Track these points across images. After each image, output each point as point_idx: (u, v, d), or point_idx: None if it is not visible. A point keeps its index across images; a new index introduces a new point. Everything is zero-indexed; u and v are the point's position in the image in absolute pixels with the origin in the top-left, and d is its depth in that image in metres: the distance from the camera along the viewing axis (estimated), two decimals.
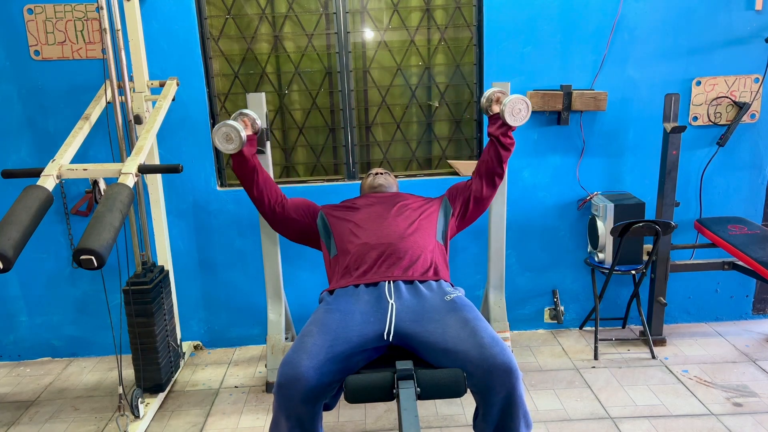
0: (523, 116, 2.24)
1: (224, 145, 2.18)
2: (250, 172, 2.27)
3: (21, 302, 3.13)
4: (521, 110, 2.23)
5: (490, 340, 1.69)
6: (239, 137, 2.18)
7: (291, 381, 1.64)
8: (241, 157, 2.24)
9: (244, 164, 2.26)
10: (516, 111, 2.23)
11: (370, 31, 3.00)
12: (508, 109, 2.22)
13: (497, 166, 2.33)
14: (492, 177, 2.35)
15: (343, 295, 1.94)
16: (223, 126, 2.16)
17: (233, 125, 2.17)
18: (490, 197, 2.39)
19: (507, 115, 2.23)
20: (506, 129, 2.29)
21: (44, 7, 2.77)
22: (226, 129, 2.16)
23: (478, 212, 2.38)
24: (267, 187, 2.31)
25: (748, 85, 2.98)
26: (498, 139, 2.30)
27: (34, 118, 2.90)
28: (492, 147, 2.33)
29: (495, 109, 2.35)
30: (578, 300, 3.26)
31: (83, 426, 2.54)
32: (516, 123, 2.25)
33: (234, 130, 2.17)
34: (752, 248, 2.73)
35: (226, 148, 2.19)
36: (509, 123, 2.25)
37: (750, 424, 2.33)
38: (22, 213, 1.97)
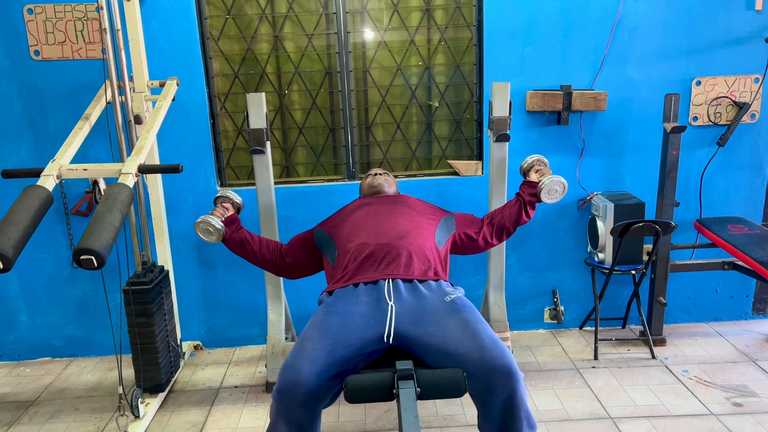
0: (556, 196, 2.33)
1: (208, 237, 2.32)
2: (240, 248, 2.37)
3: (21, 302, 3.13)
4: (557, 191, 2.32)
5: (490, 343, 1.69)
6: (217, 230, 2.30)
7: (291, 386, 1.64)
8: (225, 242, 2.35)
9: (232, 245, 2.37)
10: (552, 192, 2.32)
11: (370, 31, 3.00)
12: (545, 188, 2.32)
13: (511, 226, 2.39)
14: (502, 232, 2.40)
15: (342, 297, 1.94)
16: (201, 223, 2.30)
17: (207, 220, 2.29)
18: (488, 247, 2.44)
19: (543, 193, 2.33)
20: (536, 201, 2.37)
21: (44, 7, 2.77)
22: (204, 225, 2.30)
23: (471, 251, 2.43)
24: (263, 251, 2.39)
25: (748, 85, 2.98)
26: (525, 205, 2.37)
27: (34, 118, 2.90)
28: (516, 207, 2.39)
29: (533, 177, 2.43)
30: (578, 300, 3.26)
31: (83, 426, 2.54)
32: (549, 201, 2.34)
33: (210, 225, 2.29)
34: (752, 248, 2.73)
35: (211, 239, 2.32)
36: (543, 200, 2.34)
37: (750, 424, 2.33)
38: (22, 213, 1.97)
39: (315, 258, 2.38)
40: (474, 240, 2.37)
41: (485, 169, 3.08)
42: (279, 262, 2.40)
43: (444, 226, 2.29)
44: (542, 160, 2.49)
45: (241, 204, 2.49)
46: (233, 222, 2.38)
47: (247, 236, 2.37)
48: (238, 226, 2.38)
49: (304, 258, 2.39)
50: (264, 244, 2.40)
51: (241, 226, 2.39)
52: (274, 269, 2.42)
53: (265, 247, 2.39)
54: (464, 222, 2.40)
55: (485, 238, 2.38)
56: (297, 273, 2.44)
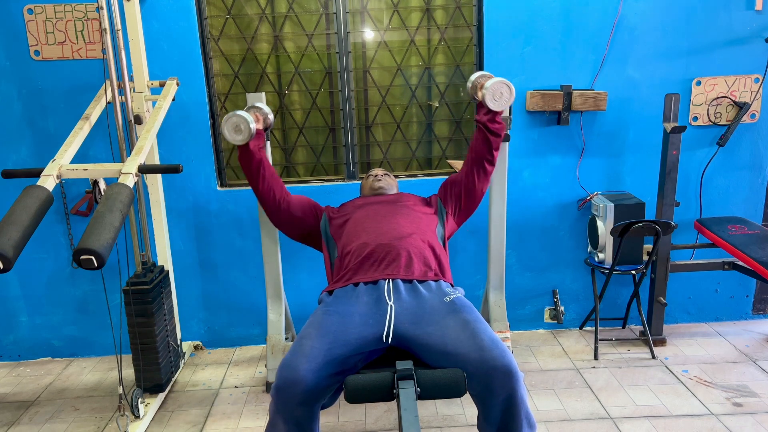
0: (506, 100, 2.19)
1: (232, 135, 2.17)
2: (256, 167, 2.27)
3: (21, 302, 3.13)
4: (503, 93, 2.18)
5: (489, 343, 1.69)
6: (248, 129, 2.15)
7: (289, 384, 1.64)
8: (246, 150, 2.24)
9: (250, 158, 2.26)
10: (498, 95, 2.18)
11: (370, 31, 3.00)
12: (489, 94, 2.17)
13: (487, 153, 2.29)
14: (482, 164, 2.31)
15: (342, 296, 1.94)
16: (234, 116, 2.15)
17: (243, 116, 2.15)
18: (483, 188, 2.35)
19: (489, 100, 2.19)
20: (493, 114, 2.25)
21: (44, 7, 2.77)
22: (237, 119, 2.14)
23: (472, 204, 2.36)
24: (273, 183, 2.31)
25: (748, 85, 2.98)
26: (485, 126, 2.27)
27: (34, 118, 2.90)
28: (480, 134, 2.30)
29: (479, 95, 2.29)
30: (578, 300, 3.26)
31: (83, 426, 2.54)
32: (498, 107, 2.20)
33: (244, 121, 2.15)
34: (752, 248, 2.73)
35: (234, 138, 2.18)
36: (491, 108, 2.21)
37: (750, 424, 2.33)
38: (22, 213, 1.97)
39: (311, 230, 2.35)
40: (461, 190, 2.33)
41: None
42: (281, 203, 2.32)
43: (440, 215, 2.31)
44: (485, 74, 2.33)
45: (271, 124, 2.38)
46: (260, 137, 2.29)
47: (265, 159, 2.29)
48: (262, 144, 2.29)
49: (301, 222, 2.35)
50: (276, 178, 2.33)
51: (263, 146, 2.31)
52: (272, 206, 2.33)
53: (276, 182, 2.32)
54: (448, 189, 2.38)
55: (470, 180, 2.32)
56: (286, 228, 2.38)
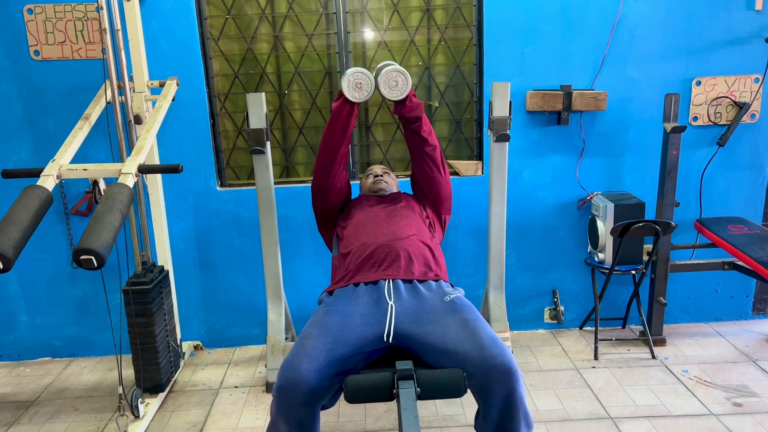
0: (402, 88, 2.11)
1: (351, 91, 2.11)
2: (347, 128, 2.21)
3: (21, 302, 3.13)
4: (398, 82, 2.10)
5: (489, 341, 1.69)
6: (368, 91, 2.10)
7: (291, 384, 1.64)
8: (352, 109, 2.18)
9: (350, 117, 2.19)
10: (392, 84, 2.11)
11: (370, 31, 3.00)
12: (383, 84, 2.11)
13: (420, 140, 2.24)
14: (422, 152, 2.27)
15: (342, 296, 1.94)
16: (360, 72, 2.08)
17: (369, 76, 2.08)
18: (438, 173, 2.31)
19: (384, 90, 2.11)
20: (401, 104, 2.17)
21: (44, 7, 2.77)
22: (362, 77, 2.08)
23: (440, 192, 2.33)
24: (346, 151, 2.27)
25: (748, 85, 2.98)
26: (404, 117, 2.21)
27: (34, 118, 2.90)
28: (404, 127, 2.26)
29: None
30: (578, 300, 3.26)
31: (83, 426, 2.54)
32: (396, 96, 2.12)
33: (368, 80, 2.08)
34: (752, 248, 2.73)
35: (352, 94, 2.11)
36: (387, 96, 2.13)
37: (750, 424, 2.33)
38: (22, 213, 1.97)
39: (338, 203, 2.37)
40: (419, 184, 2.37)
41: (485, 169, 3.08)
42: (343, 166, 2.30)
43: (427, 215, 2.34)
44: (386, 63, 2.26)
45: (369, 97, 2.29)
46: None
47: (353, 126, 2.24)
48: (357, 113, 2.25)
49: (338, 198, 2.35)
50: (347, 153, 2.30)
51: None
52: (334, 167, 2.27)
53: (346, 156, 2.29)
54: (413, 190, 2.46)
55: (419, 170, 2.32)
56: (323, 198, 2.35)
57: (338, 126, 2.21)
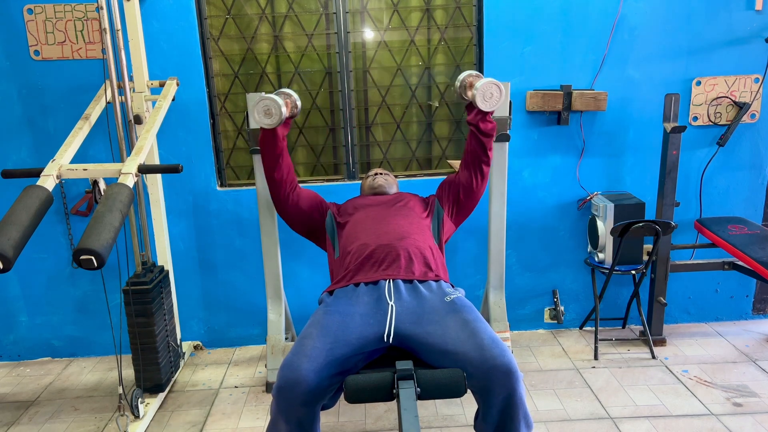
0: (496, 100, 2.16)
1: (261, 118, 2.10)
2: (278, 154, 2.22)
3: (21, 302, 3.13)
4: (493, 94, 2.15)
5: (490, 342, 1.69)
6: (279, 114, 2.09)
7: (291, 384, 1.64)
8: (273, 135, 2.18)
9: (274, 144, 2.20)
10: (488, 96, 2.15)
11: (370, 31, 3.00)
12: (479, 94, 2.14)
13: (482, 154, 2.29)
14: (479, 165, 2.30)
15: (342, 296, 1.94)
16: (267, 98, 2.07)
17: (277, 100, 2.08)
18: (481, 188, 2.35)
19: (479, 100, 2.16)
20: (483, 115, 2.23)
21: (44, 7, 2.77)
22: (269, 103, 2.07)
23: (470, 204, 2.35)
24: (288, 174, 2.29)
25: (748, 85, 2.98)
26: (477, 127, 2.25)
27: (34, 118, 2.90)
28: (473, 135, 2.29)
29: (469, 94, 2.25)
30: (578, 300, 3.26)
31: (83, 426, 2.54)
32: (489, 107, 2.17)
33: (276, 105, 2.07)
34: (752, 248, 2.73)
35: (263, 122, 2.11)
36: (482, 108, 2.18)
37: (750, 424, 2.33)
38: (22, 213, 1.97)
39: (316, 225, 2.34)
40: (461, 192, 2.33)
41: None
42: (290, 193, 2.30)
43: (435, 218, 2.31)
44: (474, 73, 2.29)
45: (297, 113, 2.34)
46: (286, 124, 2.26)
47: (285, 149, 2.25)
48: (286, 133, 2.25)
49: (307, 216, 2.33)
50: (291, 171, 2.30)
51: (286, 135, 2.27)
52: (282, 194, 2.30)
53: (291, 173, 2.29)
54: (445, 190, 2.38)
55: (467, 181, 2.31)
56: (292, 221, 2.36)
57: (267, 156, 2.23)
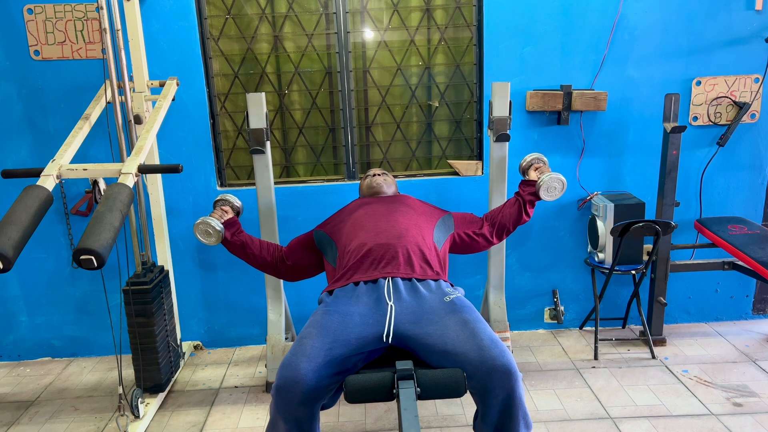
0: (556, 194, 2.32)
1: (206, 239, 2.30)
2: (240, 251, 2.37)
3: (21, 302, 3.13)
4: (556, 188, 2.31)
5: (489, 342, 1.69)
6: (216, 231, 2.28)
7: (290, 383, 1.64)
8: (226, 243, 2.35)
9: (233, 247, 2.36)
10: (551, 189, 2.31)
11: (370, 31, 3.00)
12: (544, 186, 2.30)
13: (511, 225, 2.39)
14: (503, 231, 2.40)
15: (342, 296, 1.94)
16: (201, 224, 2.28)
17: (208, 221, 2.27)
18: (489, 246, 2.43)
19: (542, 191, 2.31)
20: (535, 199, 2.36)
21: (44, 7, 2.77)
22: (203, 226, 2.28)
23: (472, 250, 2.42)
24: (263, 254, 2.38)
25: (748, 85, 2.98)
26: (524, 204, 2.37)
27: (34, 118, 2.90)
28: (516, 207, 2.38)
29: (532, 175, 2.42)
30: (578, 300, 3.26)
31: (83, 426, 2.54)
32: (548, 198, 2.33)
33: (209, 226, 2.28)
34: (752, 248, 2.73)
35: (209, 241, 2.31)
36: (543, 198, 2.32)
37: (750, 424, 2.33)
38: (22, 213, 1.97)
39: (316, 259, 2.38)
40: (474, 239, 2.36)
41: (485, 169, 3.08)
42: (279, 265, 2.39)
43: (442, 225, 2.29)
44: (541, 158, 2.49)
45: (240, 207, 2.49)
46: (233, 225, 2.37)
47: (247, 239, 2.37)
48: (238, 230, 2.38)
49: (305, 260, 2.38)
50: (264, 247, 2.39)
51: (241, 230, 2.39)
52: (274, 272, 2.42)
53: (266, 250, 2.39)
54: (463, 221, 2.40)
55: (486, 237, 2.38)
56: (298, 275, 2.43)
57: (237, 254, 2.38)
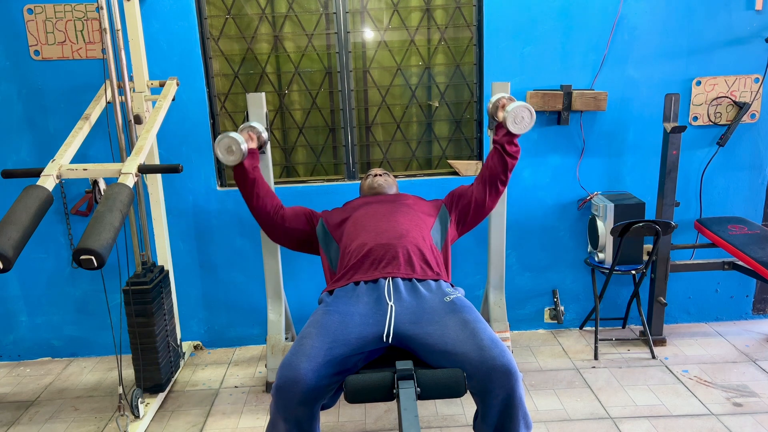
0: (526, 124, 2.23)
1: (225, 156, 2.23)
2: (250, 185, 2.30)
3: (21, 302, 3.13)
4: (524, 118, 2.22)
5: (489, 342, 1.69)
6: (240, 150, 2.20)
7: (290, 383, 1.64)
8: (241, 169, 2.28)
9: (244, 176, 2.30)
10: (519, 119, 2.22)
11: (370, 31, 3.00)
12: (510, 117, 2.22)
13: (501, 174, 2.32)
14: (495, 184, 2.34)
15: (342, 296, 1.94)
16: (225, 137, 2.19)
17: (235, 138, 2.19)
18: (492, 205, 2.37)
19: (509, 123, 2.23)
20: (511, 137, 2.29)
21: (44, 7, 2.77)
22: (228, 141, 2.19)
23: (478, 219, 2.37)
24: (267, 200, 2.34)
25: (748, 85, 2.98)
26: (503, 147, 2.29)
27: (34, 118, 2.90)
28: (497, 154, 2.32)
29: (500, 115, 2.33)
30: (578, 300, 3.26)
31: (83, 426, 2.54)
32: (518, 131, 2.25)
33: (235, 142, 2.19)
34: (752, 248, 2.73)
35: (227, 159, 2.23)
36: (512, 131, 2.25)
37: (750, 424, 2.33)
38: (22, 213, 1.97)
39: (308, 237, 2.36)
40: (470, 203, 2.33)
41: None
42: (274, 220, 2.34)
43: (439, 220, 2.29)
44: (507, 96, 2.38)
45: (265, 141, 2.40)
46: (254, 156, 2.32)
47: (259, 178, 2.31)
48: (255, 164, 2.32)
49: (297, 232, 2.35)
50: (270, 195, 2.35)
51: (257, 166, 2.33)
52: (267, 223, 2.36)
53: (270, 199, 2.34)
54: (455, 199, 2.38)
55: (481, 196, 2.33)
56: (282, 240, 2.40)
57: (241, 188, 2.33)
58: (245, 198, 2.35)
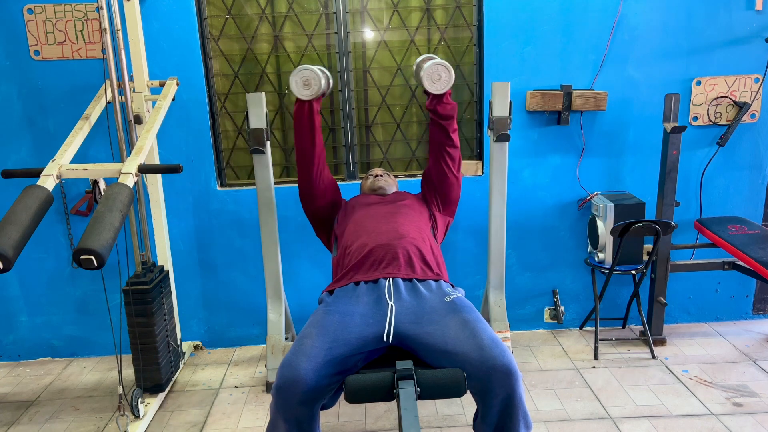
0: (445, 82, 2.13)
1: (299, 89, 2.12)
2: (311, 125, 2.22)
3: (21, 302, 3.13)
4: (441, 76, 2.13)
5: (489, 342, 1.69)
6: (318, 86, 2.09)
7: (290, 383, 1.64)
8: (310, 107, 2.19)
9: (311, 116, 2.20)
10: (436, 78, 2.13)
11: (370, 31, 3.00)
12: (426, 77, 2.13)
13: (445, 138, 2.27)
14: (444, 150, 2.28)
15: (342, 296, 1.94)
16: (307, 69, 2.09)
17: (318, 72, 2.08)
18: (454, 172, 2.31)
19: (426, 82, 2.14)
20: (439, 98, 2.20)
21: (44, 7, 2.77)
22: (310, 73, 2.09)
23: (450, 191, 2.34)
24: (320, 149, 2.28)
25: (748, 85, 2.98)
26: (435, 111, 2.23)
27: (34, 118, 2.90)
28: (433, 122, 2.28)
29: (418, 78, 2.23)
30: (578, 300, 3.26)
31: (83, 426, 2.54)
32: (438, 90, 2.14)
33: (316, 77, 2.08)
34: (752, 248, 2.73)
35: (301, 92, 2.12)
36: (430, 90, 2.16)
37: (750, 424, 2.33)
38: (22, 213, 1.97)
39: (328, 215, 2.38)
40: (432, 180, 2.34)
41: (485, 169, 3.08)
42: (319, 168, 2.29)
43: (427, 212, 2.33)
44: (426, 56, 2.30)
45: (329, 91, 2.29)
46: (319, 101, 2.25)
47: (319, 125, 2.25)
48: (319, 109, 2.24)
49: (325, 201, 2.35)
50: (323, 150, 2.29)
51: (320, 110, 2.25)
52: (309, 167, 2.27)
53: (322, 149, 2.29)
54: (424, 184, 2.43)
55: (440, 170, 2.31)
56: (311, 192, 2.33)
57: (303, 128, 2.24)
58: (300, 140, 2.25)
